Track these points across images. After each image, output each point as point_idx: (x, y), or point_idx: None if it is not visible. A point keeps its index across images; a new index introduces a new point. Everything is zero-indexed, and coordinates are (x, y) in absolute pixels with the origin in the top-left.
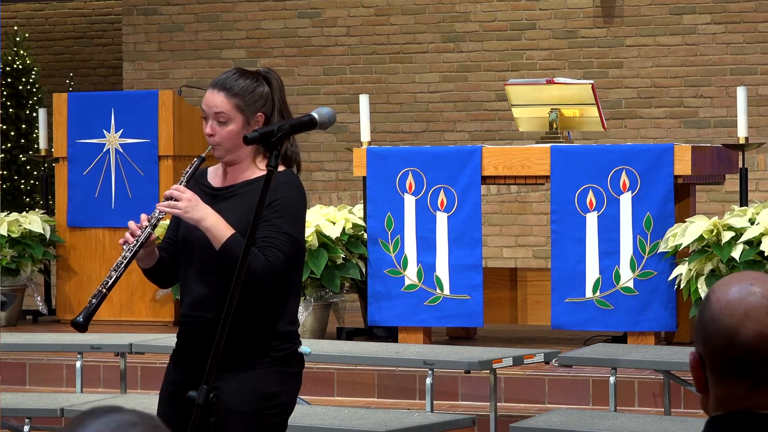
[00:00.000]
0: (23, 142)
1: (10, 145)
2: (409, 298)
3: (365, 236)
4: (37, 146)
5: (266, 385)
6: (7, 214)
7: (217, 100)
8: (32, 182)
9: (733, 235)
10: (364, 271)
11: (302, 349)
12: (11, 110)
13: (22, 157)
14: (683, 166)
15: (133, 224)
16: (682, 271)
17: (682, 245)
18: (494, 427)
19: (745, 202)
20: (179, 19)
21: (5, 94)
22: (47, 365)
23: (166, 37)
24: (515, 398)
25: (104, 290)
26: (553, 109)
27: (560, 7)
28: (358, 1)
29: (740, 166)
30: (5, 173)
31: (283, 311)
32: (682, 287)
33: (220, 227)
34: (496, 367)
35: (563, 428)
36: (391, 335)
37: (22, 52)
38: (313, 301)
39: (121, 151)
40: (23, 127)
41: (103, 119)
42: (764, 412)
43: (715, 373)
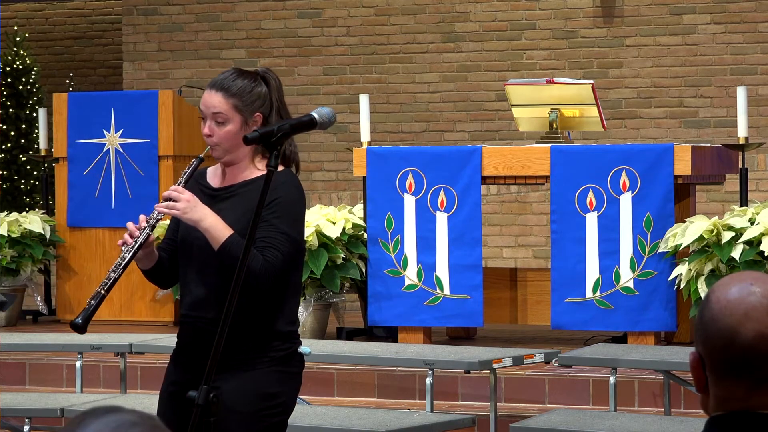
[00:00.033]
0: (23, 142)
1: (10, 145)
2: (409, 298)
3: (365, 236)
4: (37, 146)
5: (266, 385)
6: (7, 214)
7: (215, 100)
8: (32, 182)
9: (733, 235)
10: (364, 271)
11: (302, 349)
12: (11, 110)
13: (22, 157)
14: (683, 166)
15: (131, 225)
16: (682, 271)
17: (682, 245)
18: (494, 427)
19: (745, 202)
20: (179, 19)
21: (5, 94)
22: (47, 365)
23: (166, 37)
24: (515, 398)
25: (103, 292)
26: (553, 109)
27: (560, 7)
28: (358, 1)
29: (740, 166)
30: (5, 173)
31: (282, 311)
32: (682, 287)
33: (218, 228)
34: (496, 367)
35: (563, 428)
36: (391, 335)
37: (22, 52)
38: (313, 301)
39: (121, 151)
40: (23, 127)
41: (103, 119)
42: (764, 412)
43: (715, 373)
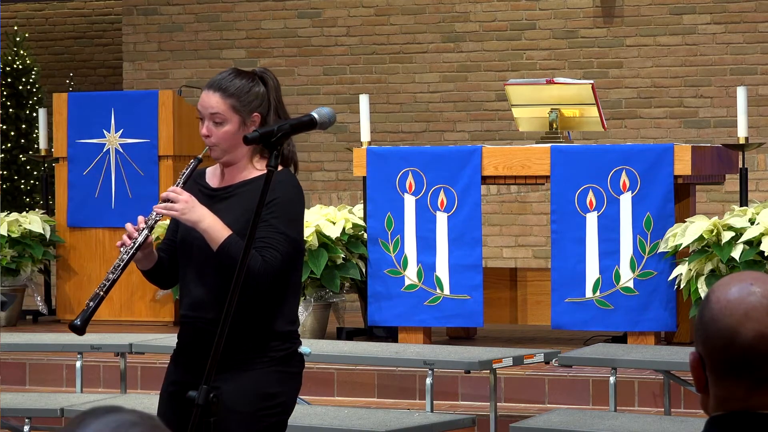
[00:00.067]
0: (23, 142)
1: (10, 145)
2: (409, 298)
3: (365, 236)
4: (37, 146)
5: (266, 385)
6: (7, 214)
7: (212, 100)
8: (32, 182)
9: (733, 235)
10: (364, 271)
11: (302, 349)
12: (11, 110)
13: (22, 157)
14: (683, 166)
15: (130, 226)
16: (682, 271)
17: (682, 245)
18: (494, 427)
19: (745, 202)
20: (179, 19)
21: (5, 94)
22: (47, 365)
23: (166, 37)
24: (515, 398)
25: (101, 293)
26: (553, 109)
27: (560, 7)
28: (358, 1)
29: (740, 166)
30: (5, 173)
31: (282, 311)
32: (682, 287)
33: (217, 228)
34: (496, 367)
35: (563, 428)
36: (391, 335)
37: (22, 52)
38: (313, 301)
39: (121, 151)
40: (23, 127)
41: (103, 119)
42: (764, 412)
43: (715, 373)
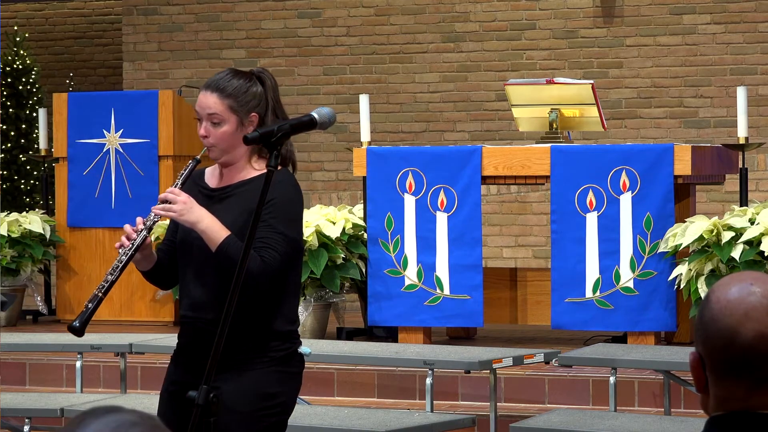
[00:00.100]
0: (23, 142)
1: (10, 145)
2: (409, 298)
3: (365, 236)
4: (37, 146)
5: (266, 385)
6: (7, 214)
7: (210, 101)
8: (32, 182)
9: (733, 235)
10: (364, 271)
11: (302, 349)
12: (11, 110)
13: (22, 157)
14: (683, 166)
15: (128, 228)
16: (682, 271)
17: (682, 245)
18: (494, 427)
19: (745, 202)
20: (179, 19)
21: (5, 94)
22: (47, 365)
23: (166, 37)
24: (515, 398)
25: (100, 294)
26: (553, 109)
27: (560, 7)
28: (358, 1)
29: (740, 166)
30: (5, 173)
31: (282, 311)
32: (682, 287)
33: (215, 229)
34: (496, 367)
35: (563, 428)
36: (391, 335)
37: (22, 52)
38: (313, 301)
39: (121, 151)
40: (23, 127)
41: (103, 119)
42: (764, 412)
43: (715, 373)
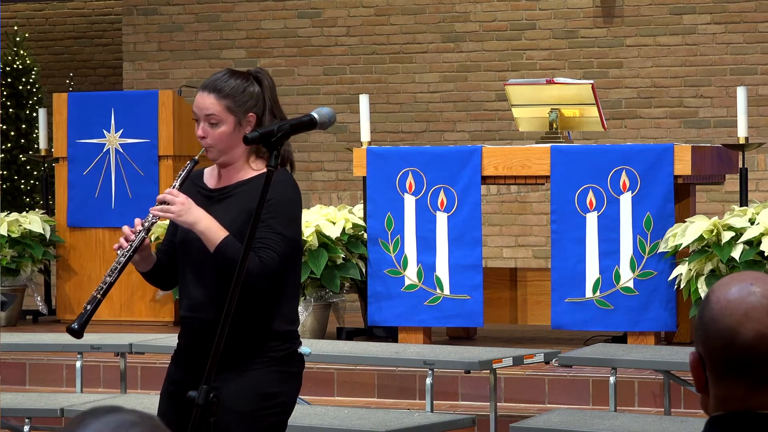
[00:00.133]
0: (23, 142)
1: (10, 145)
2: (409, 298)
3: (365, 236)
4: (37, 146)
5: (266, 385)
6: (7, 214)
7: (207, 102)
8: (32, 182)
9: (733, 235)
10: (364, 271)
11: (302, 349)
12: (11, 110)
13: (22, 157)
14: (683, 166)
15: (127, 229)
16: (682, 271)
17: (682, 245)
18: (494, 427)
19: (745, 202)
20: (179, 19)
21: (5, 94)
22: (47, 365)
23: (166, 37)
24: (515, 398)
25: (99, 296)
26: (553, 109)
27: (560, 7)
28: (358, 1)
29: (740, 166)
30: (5, 173)
31: (281, 311)
32: (682, 287)
33: (213, 229)
34: (496, 367)
35: (563, 428)
36: (391, 335)
37: (22, 52)
38: (313, 301)
39: (121, 151)
40: (23, 127)
41: (103, 119)
42: (764, 412)
43: (715, 373)
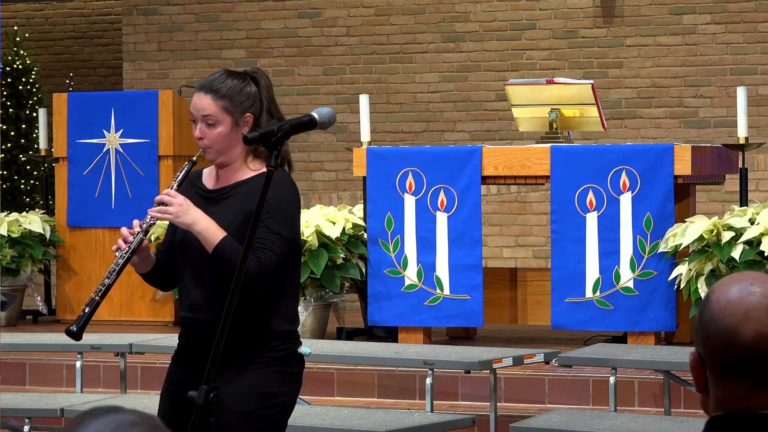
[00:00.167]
0: (23, 142)
1: (10, 145)
2: (409, 298)
3: (365, 236)
4: (37, 146)
5: (266, 385)
6: (7, 214)
7: (204, 103)
8: (32, 182)
9: (733, 235)
10: (364, 271)
11: (302, 349)
12: (11, 110)
13: (22, 157)
14: (683, 166)
15: (125, 230)
16: (682, 271)
17: (682, 245)
18: (494, 427)
19: (745, 202)
20: (179, 19)
21: (5, 94)
22: (47, 365)
23: (166, 37)
24: (515, 398)
25: (97, 298)
26: (553, 109)
27: (560, 7)
28: (358, 1)
29: (740, 166)
30: (5, 173)
31: (281, 311)
32: (682, 287)
33: (211, 230)
34: (496, 367)
35: (563, 428)
36: (391, 335)
37: (22, 52)
38: (313, 301)
39: (121, 151)
40: (23, 127)
41: (103, 119)
42: (764, 412)
43: (715, 373)
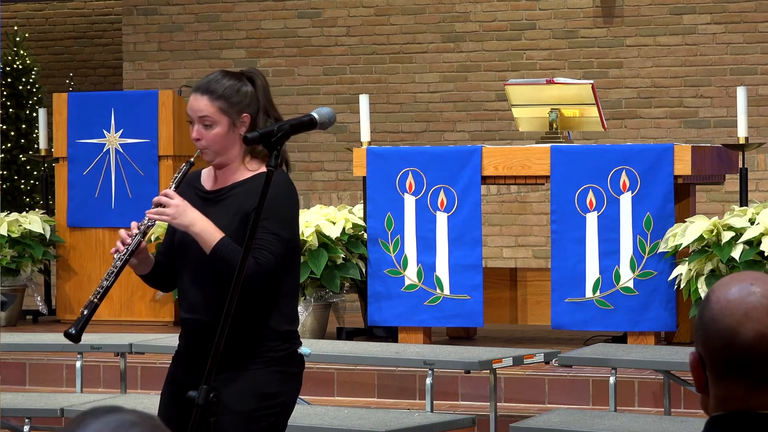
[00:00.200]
0: (23, 142)
1: (10, 145)
2: (409, 298)
3: (365, 236)
4: (37, 146)
5: (265, 385)
6: (7, 214)
7: (200, 104)
8: (32, 182)
9: (733, 235)
10: (364, 271)
11: (302, 350)
12: (11, 110)
13: (22, 157)
14: (683, 166)
15: (123, 232)
16: (682, 271)
17: (682, 245)
18: (494, 427)
19: (745, 202)
20: (179, 19)
21: (5, 94)
22: (47, 365)
23: (166, 37)
24: (515, 398)
25: (96, 300)
26: (553, 109)
27: (560, 7)
28: (358, 1)
29: (740, 166)
30: (5, 173)
31: (281, 311)
32: (682, 287)
33: (209, 231)
34: (496, 367)
35: (563, 428)
36: (391, 335)
37: (22, 52)
38: (313, 301)
39: (121, 151)
40: (23, 127)
41: (103, 119)
42: (764, 412)
43: (715, 373)
